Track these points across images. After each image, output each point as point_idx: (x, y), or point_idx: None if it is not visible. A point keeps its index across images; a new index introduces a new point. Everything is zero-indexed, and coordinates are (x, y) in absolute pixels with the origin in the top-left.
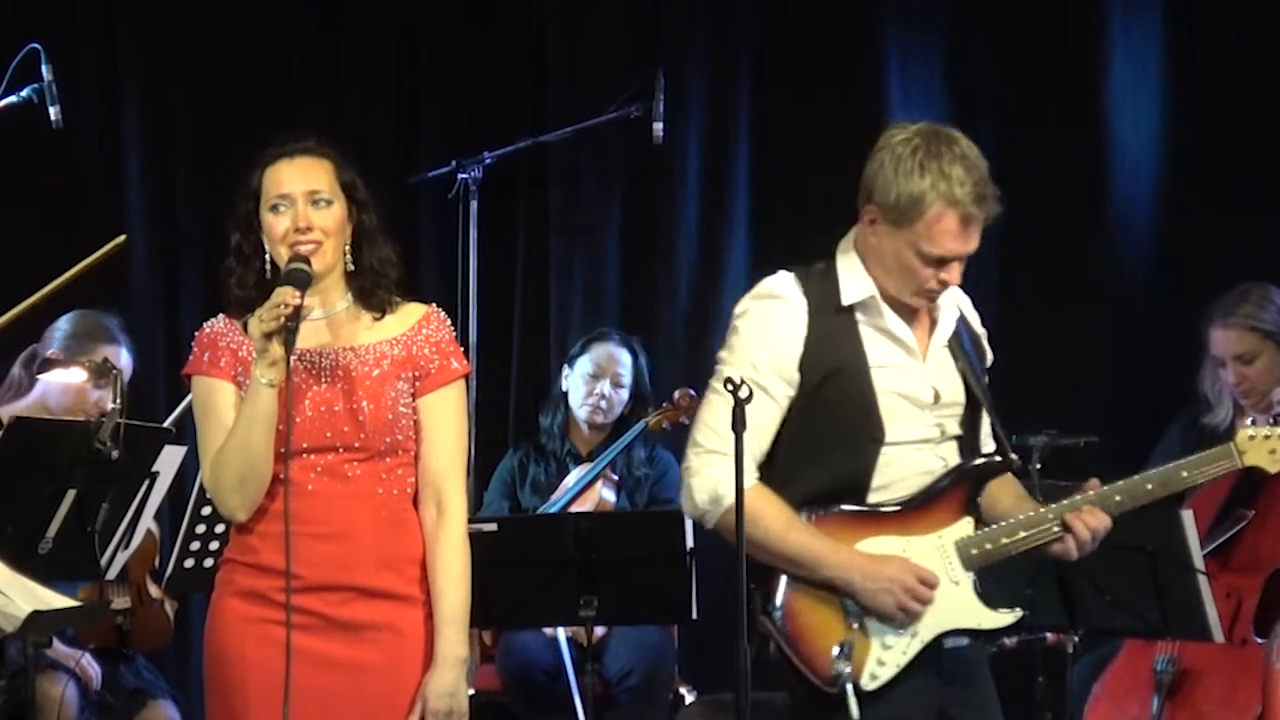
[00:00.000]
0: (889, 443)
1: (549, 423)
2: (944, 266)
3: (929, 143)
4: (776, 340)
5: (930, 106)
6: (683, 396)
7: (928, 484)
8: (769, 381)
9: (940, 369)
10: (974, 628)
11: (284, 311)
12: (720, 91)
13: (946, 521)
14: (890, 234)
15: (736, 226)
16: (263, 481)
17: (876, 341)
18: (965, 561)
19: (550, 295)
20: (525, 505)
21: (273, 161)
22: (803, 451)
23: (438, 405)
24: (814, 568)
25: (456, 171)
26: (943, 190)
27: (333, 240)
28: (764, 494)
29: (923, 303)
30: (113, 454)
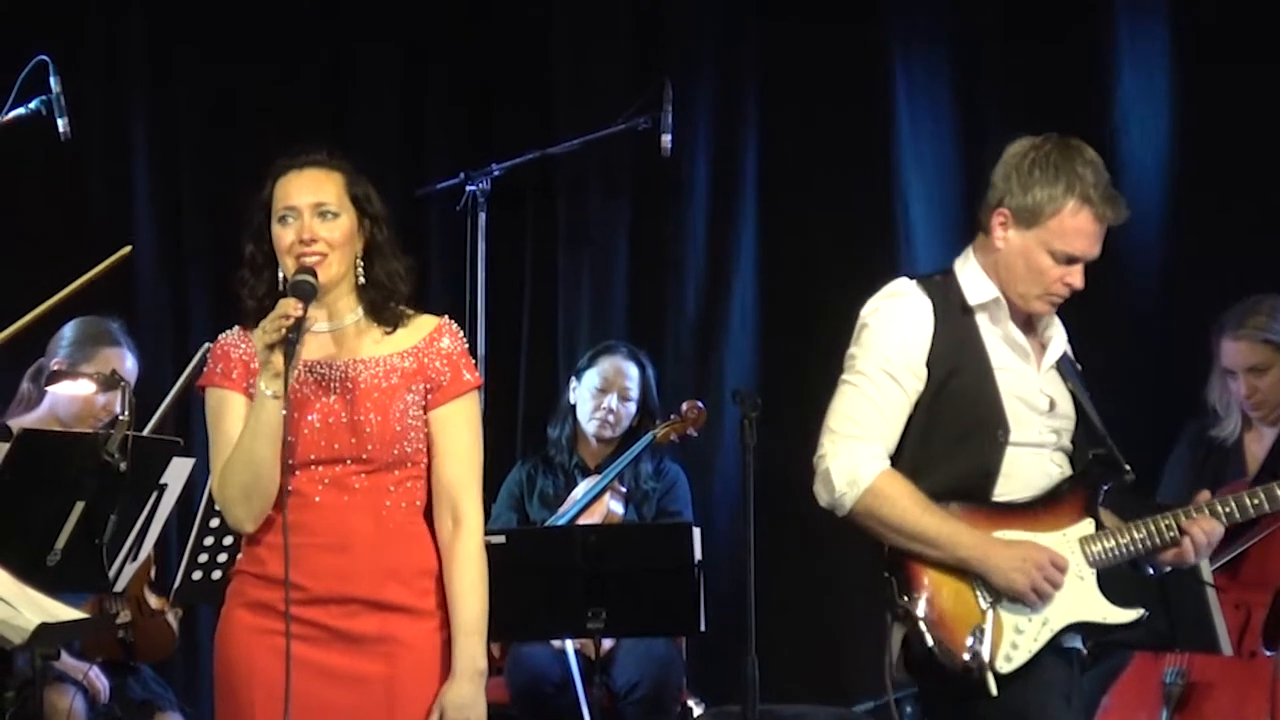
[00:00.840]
0: (1013, 442)
1: (557, 435)
2: (1071, 267)
3: (1061, 148)
4: (906, 334)
5: (938, 116)
6: (690, 409)
7: (1049, 487)
8: (900, 372)
9: (1052, 385)
10: (1100, 621)
11: (285, 323)
12: (728, 103)
13: (1070, 521)
14: (1021, 236)
15: (744, 238)
16: (269, 493)
17: (997, 344)
18: (1090, 559)
19: (558, 307)
20: (533, 518)
21: (283, 173)
22: (930, 447)
23: (451, 417)
24: (949, 548)
25: (464, 183)
26: (1078, 189)
27: (338, 253)
28: (897, 477)
29: (1045, 308)
30: (121, 466)
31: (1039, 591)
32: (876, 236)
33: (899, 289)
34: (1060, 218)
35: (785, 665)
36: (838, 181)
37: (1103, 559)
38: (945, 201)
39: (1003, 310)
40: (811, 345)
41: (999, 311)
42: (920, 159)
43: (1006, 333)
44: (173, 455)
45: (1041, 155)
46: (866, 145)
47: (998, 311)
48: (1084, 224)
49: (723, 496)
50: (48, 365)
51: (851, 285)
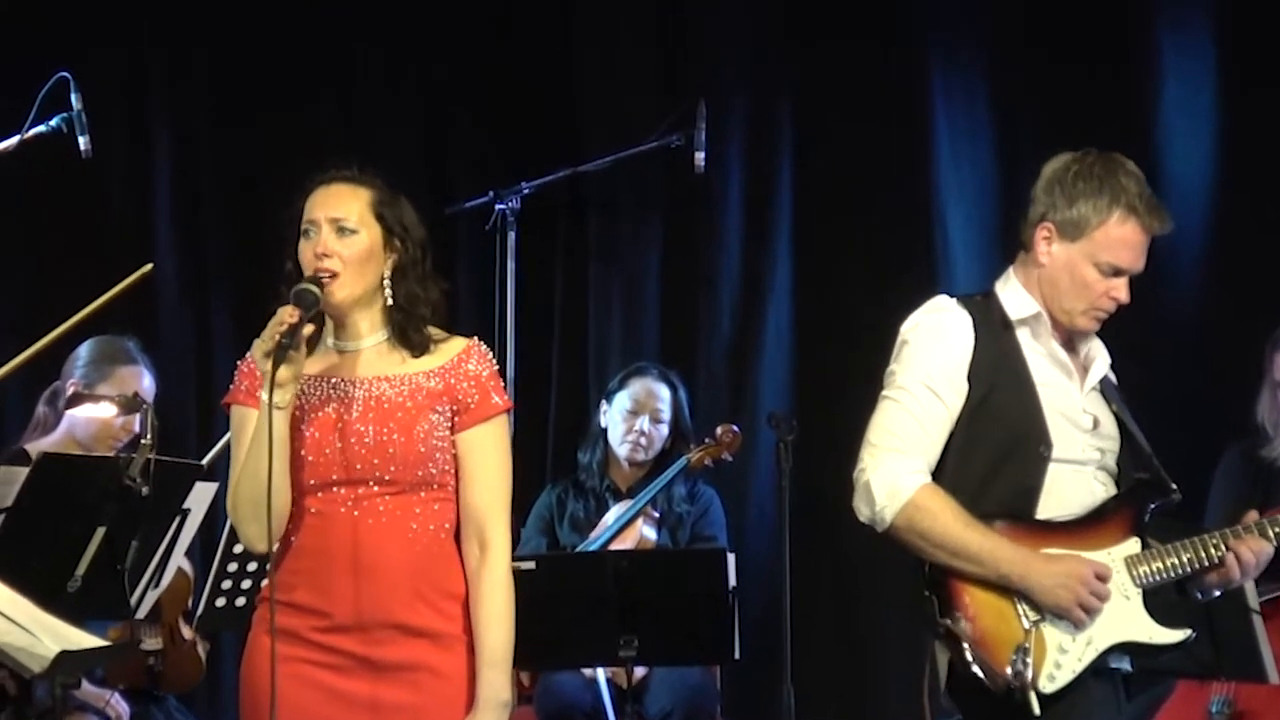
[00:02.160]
0: (1056, 459)
1: (588, 459)
2: (1117, 280)
3: (1103, 161)
4: (947, 348)
5: (976, 134)
6: (725, 432)
7: (1093, 504)
8: (941, 387)
9: (1095, 405)
10: (1146, 641)
11: (279, 330)
12: (762, 120)
13: (1115, 540)
14: (1066, 250)
15: (779, 257)
16: (281, 510)
17: (1040, 361)
18: (1135, 579)
19: (589, 328)
20: (563, 543)
21: (313, 188)
22: (971, 463)
23: (478, 441)
24: (991, 564)
25: (494, 202)
26: (1124, 200)
27: (352, 270)
28: (937, 492)
29: (1090, 324)
30: (143, 490)
31: (1084, 606)
32: (914, 255)
33: (939, 305)
34: (1106, 229)
35: (822, 694)
36: (874, 199)
37: (1149, 579)
38: (984, 220)
39: (1044, 326)
40: (848, 367)
41: (1040, 327)
42: (958, 177)
43: (1049, 349)
44: (195, 479)
45: (1084, 168)
46: (904, 163)
47: (1039, 327)
48: (1130, 235)
49: (758, 521)
50: (63, 387)
51: (888, 305)
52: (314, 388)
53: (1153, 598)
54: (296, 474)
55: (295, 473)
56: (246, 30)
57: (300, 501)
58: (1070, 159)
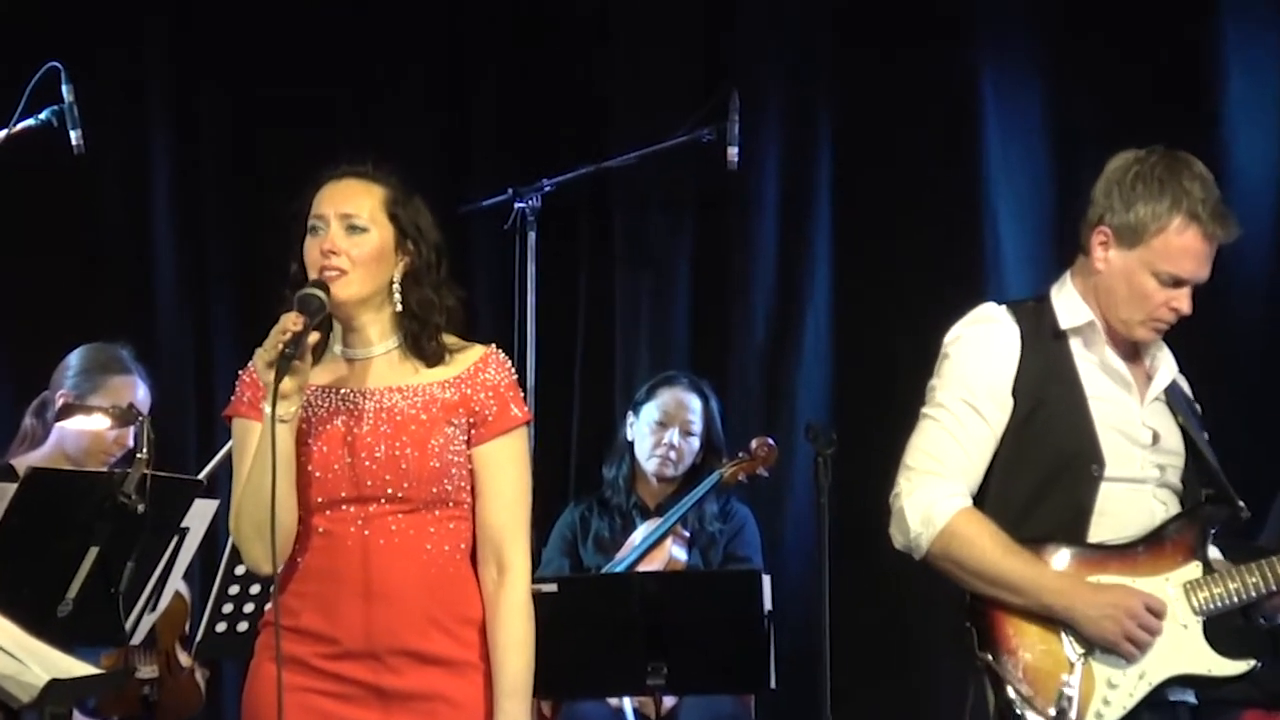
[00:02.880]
0: (1109, 477)
1: (613, 474)
2: (1178, 290)
3: (1167, 162)
4: (990, 362)
5: (1029, 131)
6: (760, 446)
7: (1151, 526)
8: (983, 403)
9: (1157, 417)
10: (1204, 674)
11: (282, 339)
12: (800, 112)
13: (1173, 564)
14: (1123, 256)
15: (817, 259)
16: (287, 530)
17: (1093, 372)
18: (1194, 606)
19: (615, 335)
20: (587, 564)
21: (324, 183)
22: (1017, 484)
23: (496, 456)
24: (1033, 593)
25: (513, 200)
26: (1185, 205)
27: (361, 271)
28: (976, 516)
29: (1149, 335)
30: (138, 508)
31: (1133, 640)
32: (962, 258)
33: (983, 314)
34: (1165, 236)
35: None
36: (920, 199)
37: (1209, 606)
38: (1037, 221)
39: (1099, 335)
40: (891, 376)
41: (1094, 336)
42: (1010, 175)
43: (1103, 360)
44: (195, 496)
45: (1146, 169)
46: (952, 159)
47: (1093, 336)
48: (1191, 243)
49: (795, 541)
50: (53, 398)
51: (934, 311)
52: (321, 398)
53: (1215, 625)
54: (303, 491)
55: (301, 490)
56: (252, 21)
57: (307, 520)
58: (1132, 158)
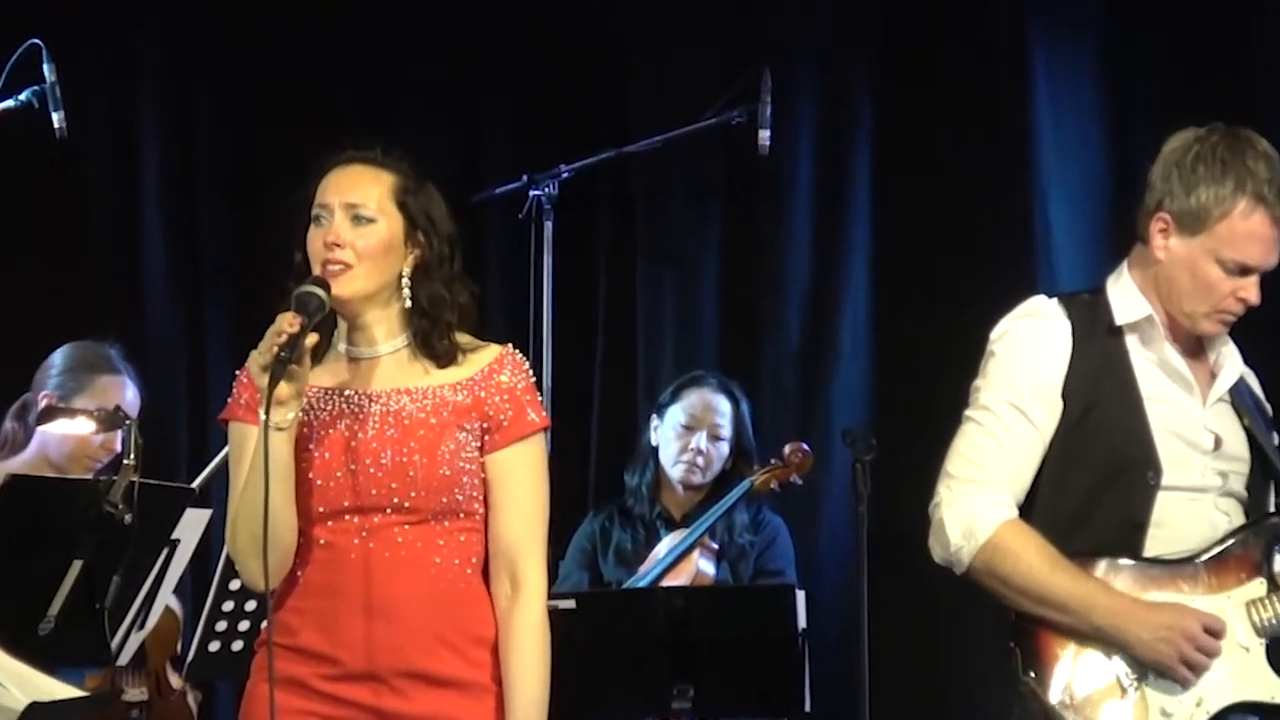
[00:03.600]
0: (1166, 486)
1: (636, 482)
2: (1245, 279)
3: (1229, 140)
4: (1038, 360)
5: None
6: (794, 452)
7: (1213, 539)
8: (1030, 405)
9: (1221, 419)
10: (1268, 701)
11: (278, 340)
12: (837, 92)
13: (1236, 581)
14: (1185, 244)
15: (856, 250)
16: (286, 544)
17: (1150, 372)
18: (1258, 626)
19: (637, 332)
20: (608, 578)
21: (329, 169)
22: (1068, 493)
23: (511, 464)
24: (1083, 613)
25: (528, 187)
26: (1250, 187)
27: (367, 265)
28: (1021, 529)
29: (1215, 328)
30: (125, 518)
31: (1190, 664)
32: (1011, 248)
33: (1032, 308)
34: (1230, 221)
35: None
36: (965, 185)
37: (1274, 625)
38: (1092, 208)
39: (1157, 331)
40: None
41: (1152, 332)
42: (1062, 158)
43: (1162, 358)
44: (186, 506)
45: (1207, 149)
46: (999, 142)
47: (1151, 332)
48: (1258, 227)
49: (831, 553)
50: (35, 400)
51: (982, 305)
52: (323, 401)
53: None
54: (303, 500)
55: (301, 499)
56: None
57: (307, 531)
58: (1191, 137)
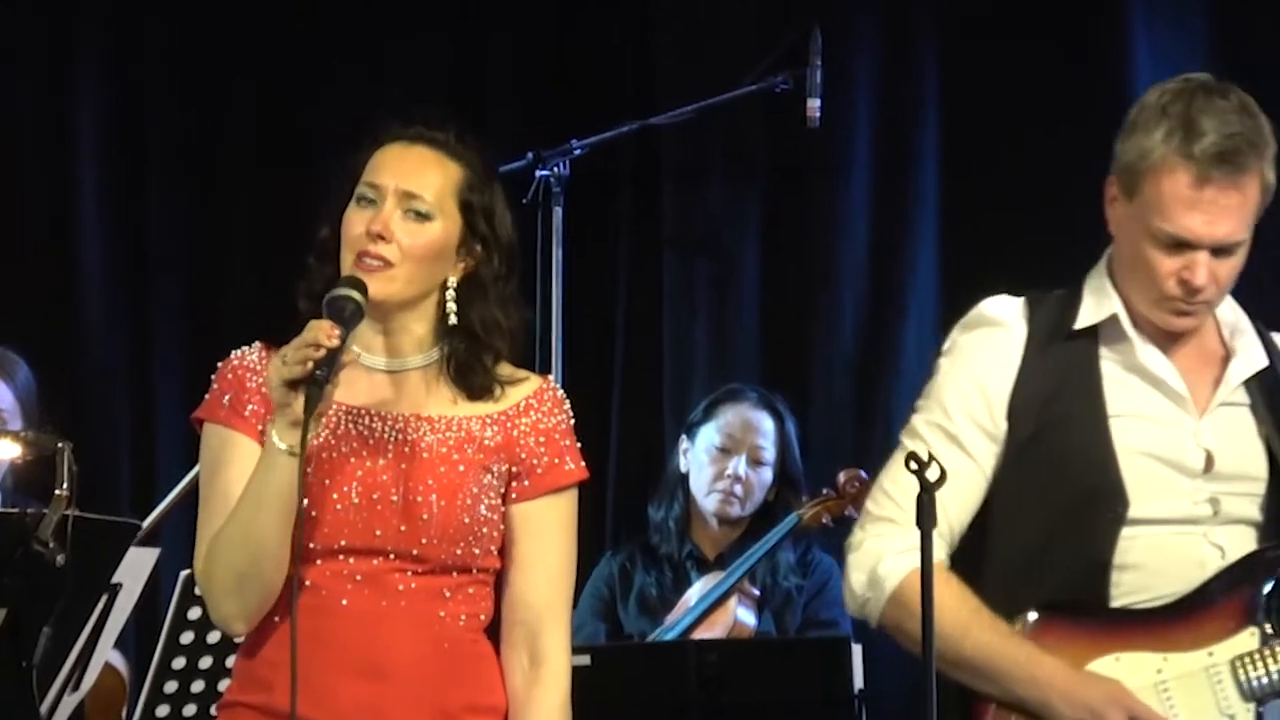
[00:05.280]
0: (1136, 520)
1: (662, 516)
2: (1183, 258)
3: (1192, 89)
4: (978, 378)
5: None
6: (850, 480)
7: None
8: (964, 431)
9: (1225, 429)
10: None
11: (313, 354)
12: (899, 55)
13: (1221, 633)
14: (1127, 213)
15: (921, 242)
16: (271, 584)
17: (1122, 382)
18: (1244, 688)
19: (663, 337)
20: (629, 629)
21: (387, 141)
22: (1020, 532)
23: (542, 518)
24: (1003, 682)
25: (534, 166)
26: (1178, 139)
27: (411, 267)
28: (941, 579)
29: (1174, 322)
30: (57, 558)
31: None
32: (1096, 240)
33: (981, 315)
34: (1157, 181)
35: None
36: (1049, 165)
37: (1265, 687)
38: None
39: (1124, 331)
40: None
41: (1118, 333)
42: None
43: (1136, 364)
44: (129, 544)
45: (1166, 98)
46: (1089, 118)
47: (1116, 333)
48: (1180, 189)
49: None
50: None
51: None
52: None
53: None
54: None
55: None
56: None
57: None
58: (1161, 88)
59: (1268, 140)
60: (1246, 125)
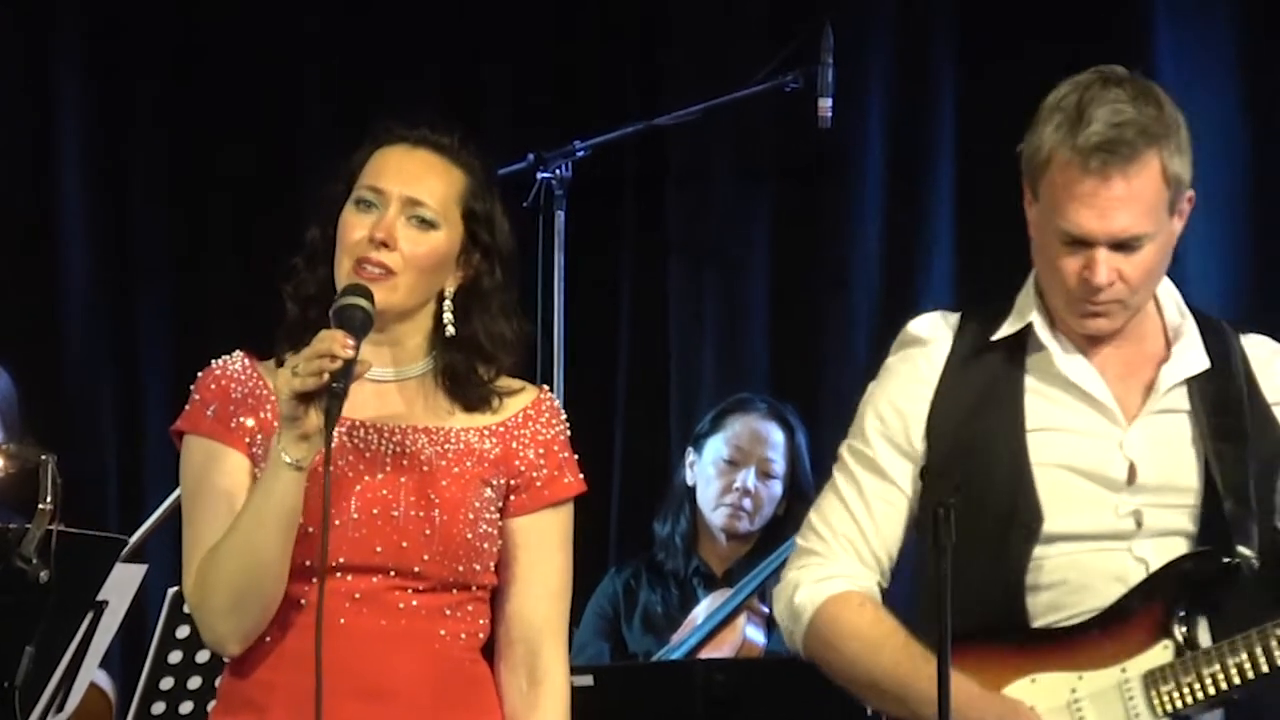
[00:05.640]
0: (1052, 536)
1: (668, 531)
2: (1083, 255)
3: (1084, 83)
4: (895, 399)
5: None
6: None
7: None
8: (884, 455)
9: (1155, 438)
10: None
11: (329, 366)
12: (913, 52)
13: (1135, 647)
14: (1035, 214)
15: (938, 245)
16: (269, 602)
17: (1042, 393)
18: (1155, 704)
19: (669, 345)
20: (633, 648)
21: (388, 143)
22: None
23: (542, 533)
24: (909, 703)
25: (535, 168)
26: (1062, 134)
27: (413, 276)
28: (850, 604)
29: (1086, 326)
30: (41, 575)
31: None
32: None
33: (906, 334)
34: (1050, 177)
35: None
36: None
37: (1177, 704)
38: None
39: (1038, 340)
40: None
41: (1034, 342)
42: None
43: (1055, 372)
44: (115, 560)
45: (1064, 89)
46: None
47: (1036, 343)
48: (1072, 184)
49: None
50: None
51: None
52: None
53: None
54: None
55: None
56: None
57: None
58: (1072, 80)
59: (1168, 128)
60: (1141, 112)
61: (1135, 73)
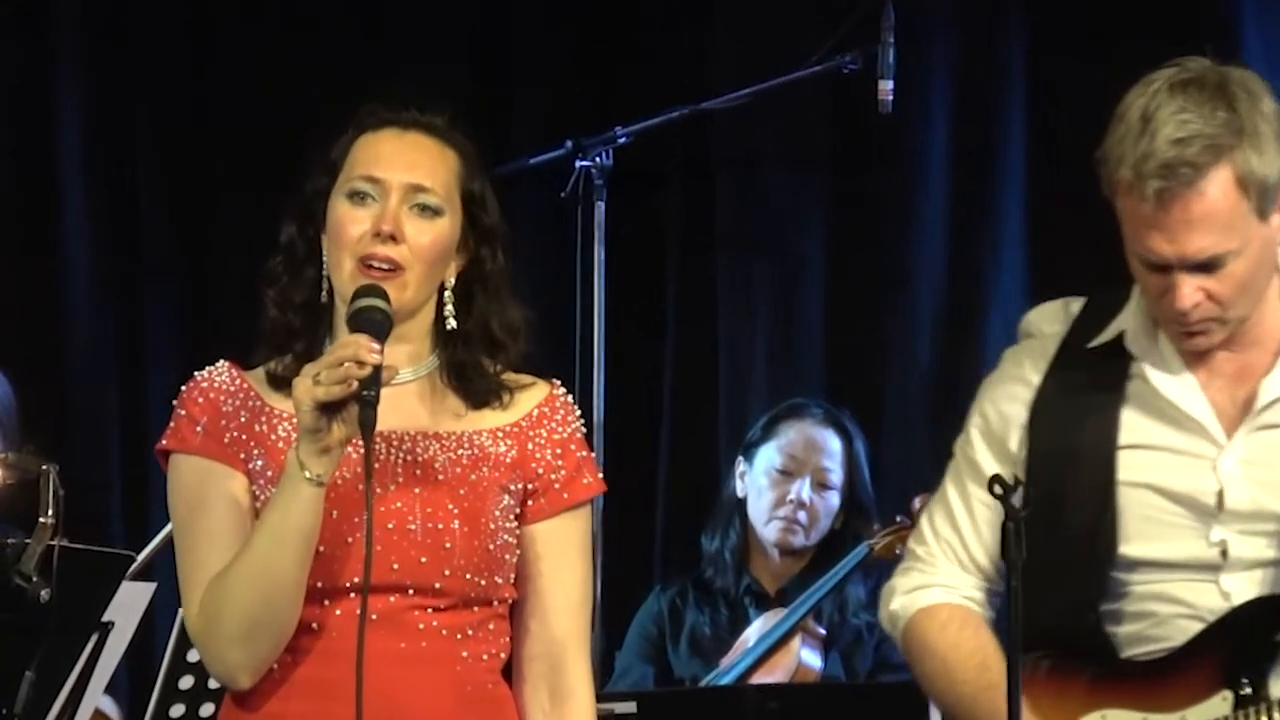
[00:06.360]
0: (1133, 561)
1: (717, 546)
2: (1164, 279)
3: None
4: (998, 399)
5: None
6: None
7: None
8: (982, 455)
9: (1254, 458)
10: None
11: (356, 373)
12: (980, 34)
13: (1196, 695)
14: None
15: (1007, 240)
16: (284, 631)
17: (1141, 406)
18: None
19: (717, 346)
20: (680, 673)
21: (374, 128)
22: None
23: (562, 538)
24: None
25: (574, 156)
26: (1130, 157)
27: (422, 269)
28: (939, 619)
29: (1183, 343)
30: (42, 594)
31: None
32: None
33: (1023, 325)
34: (1119, 194)
35: None
36: None
37: None
38: None
39: (1142, 347)
40: None
41: (1148, 348)
42: None
43: (1150, 386)
44: (122, 578)
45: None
46: None
47: (1145, 346)
48: (1137, 206)
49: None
50: None
51: None
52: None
53: None
54: None
55: None
56: None
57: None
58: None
59: (1241, 130)
60: (1209, 122)
61: (1217, 62)
